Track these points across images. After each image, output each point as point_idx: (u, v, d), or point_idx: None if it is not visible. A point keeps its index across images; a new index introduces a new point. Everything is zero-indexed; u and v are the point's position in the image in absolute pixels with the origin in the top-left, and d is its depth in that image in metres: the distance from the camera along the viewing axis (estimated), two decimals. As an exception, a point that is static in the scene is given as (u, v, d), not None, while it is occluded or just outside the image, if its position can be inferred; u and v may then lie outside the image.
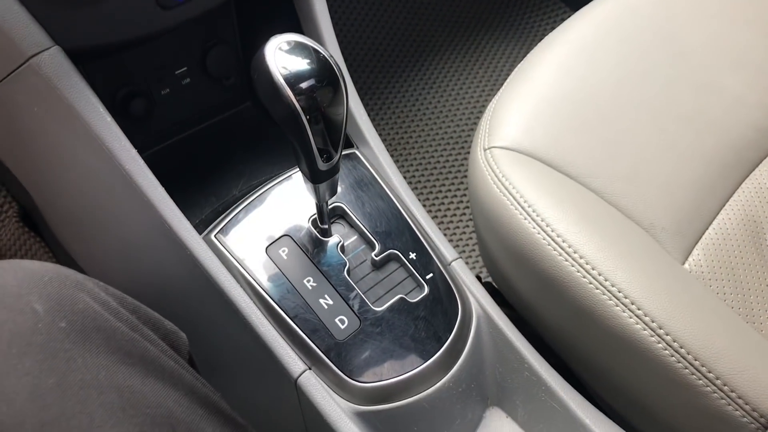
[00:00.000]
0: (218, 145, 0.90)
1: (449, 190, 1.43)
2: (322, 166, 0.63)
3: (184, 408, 0.47)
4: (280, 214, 0.75)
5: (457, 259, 0.76)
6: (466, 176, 1.27)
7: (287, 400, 0.71)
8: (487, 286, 0.79)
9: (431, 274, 0.73)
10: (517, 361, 0.72)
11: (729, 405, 0.61)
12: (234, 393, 0.86)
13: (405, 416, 0.68)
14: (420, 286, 0.73)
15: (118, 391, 0.42)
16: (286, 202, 0.76)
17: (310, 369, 0.68)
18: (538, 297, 0.74)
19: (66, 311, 0.45)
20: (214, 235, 0.73)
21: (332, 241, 0.73)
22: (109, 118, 0.69)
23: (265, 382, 0.75)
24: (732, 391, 0.61)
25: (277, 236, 0.73)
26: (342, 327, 0.69)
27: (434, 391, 0.69)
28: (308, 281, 0.70)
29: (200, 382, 0.52)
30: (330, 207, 0.74)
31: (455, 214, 1.40)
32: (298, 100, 0.57)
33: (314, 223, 0.73)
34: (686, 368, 0.62)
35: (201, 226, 0.74)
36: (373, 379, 0.67)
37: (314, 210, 0.73)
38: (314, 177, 0.64)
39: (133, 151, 0.70)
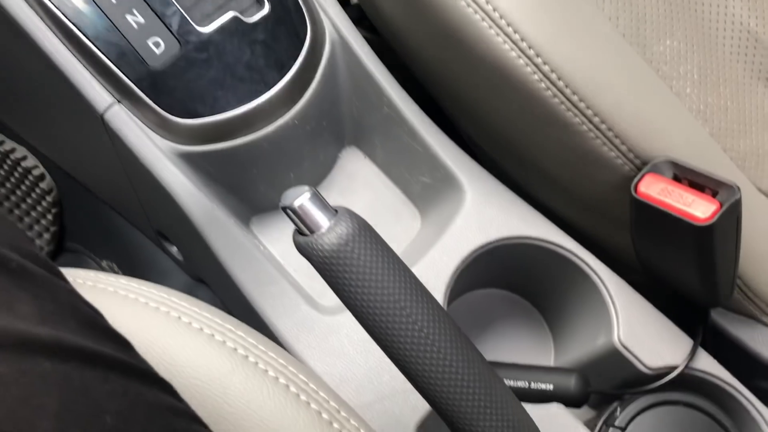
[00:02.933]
0: None
1: None
2: None
3: None
4: None
5: (308, -31, 0.62)
6: None
7: (101, 143, 0.59)
8: (346, 5, 0.66)
9: (273, -13, 0.59)
10: (376, 96, 0.62)
11: (605, 145, 0.54)
12: (51, 139, 0.74)
13: (240, 157, 0.58)
14: (259, 2, 0.59)
15: None
16: None
17: (119, 103, 0.56)
18: (402, 16, 0.61)
19: None
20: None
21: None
22: None
23: (74, 123, 0.63)
24: (609, 130, 0.53)
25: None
26: (157, 52, 0.55)
27: (276, 129, 0.59)
28: (111, -8, 0.55)
29: None
30: None
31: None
32: None
33: None
34: (563, 103, 0.54)
35: None
36: (199, 115, 0.56)
37: None
38: None
39: None
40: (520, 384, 0.58)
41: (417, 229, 0.65)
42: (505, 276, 0.65)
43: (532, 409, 0.54)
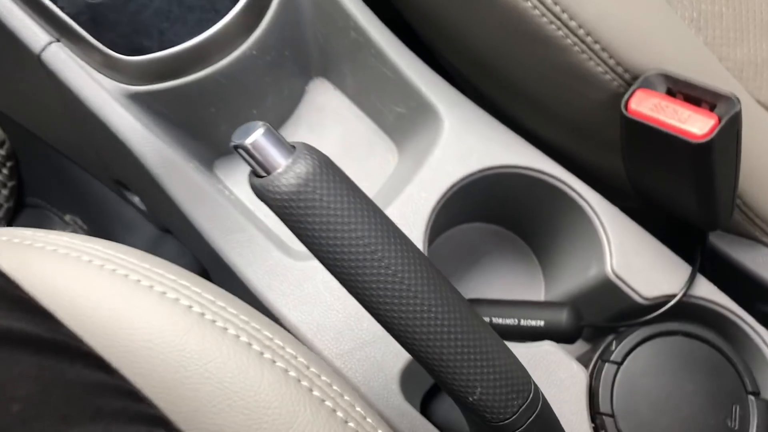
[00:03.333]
0: None
1: None
2: None
3: None
4: None
5: None
6: None
7: (44, 88, 0.55)
8: None
9: None
10: (342, 19, 0.57)
11: (591, 60, 0.49)
12: None
13: (195, 96, 0.54)
14: None
15: None
16: None
17: (57, 41, 0.51)
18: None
19: None
20: None
21: None
22: None
23: (15, 68, 0.58)
24: (595, 43, 0.48)
25: None
26: (93, -19, 0.50)
27: (232, 62, 0.54)
28: None
29: None
30: None
31: None
32: None
33: None
34: (544, 15, 0.49)
35: None
36: (146, 51, 0.51)
37: None
38: None
39: None
40: (509, 322, 0.55)
41: (394, 163, 0.61)
42: (490, 209, 0.62)
43: (523, 348, 0.51)
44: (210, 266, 0.61)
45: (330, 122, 0.61)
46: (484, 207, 0.61)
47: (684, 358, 0.51)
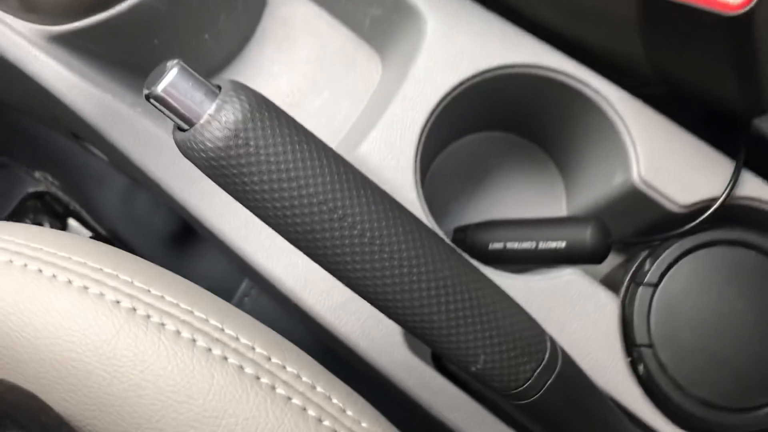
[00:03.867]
0: None
1: None
2: None
3: None
4: None
5: None
6: None
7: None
8: None
9: None
10: None
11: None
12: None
13: (130, 28, 0.46)
14: None
15: None
16: None
17: (-45, -16, 0.43)
18: None
19: None
20: None
21: None
22: None
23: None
24: None
25: None
26: None
27: (169, -18, 0.45)
28: None
29: None
30: None
31: None
32: None
33: None
34: None
35: None
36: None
37: None
38: None
39: None
40: (526, 246, 0.48)
41: (378, 74, 0.53)
42: (495, 115, 0.53)
43: (540, 282, 0.44)
44: (187, 219, 0.54)
45: (299, 36, 0.53)
46: (488, 114, 0.53)
47: (731, 272, 0.43)
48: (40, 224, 0.64)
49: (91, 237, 0.62)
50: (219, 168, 0.29)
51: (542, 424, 0.36)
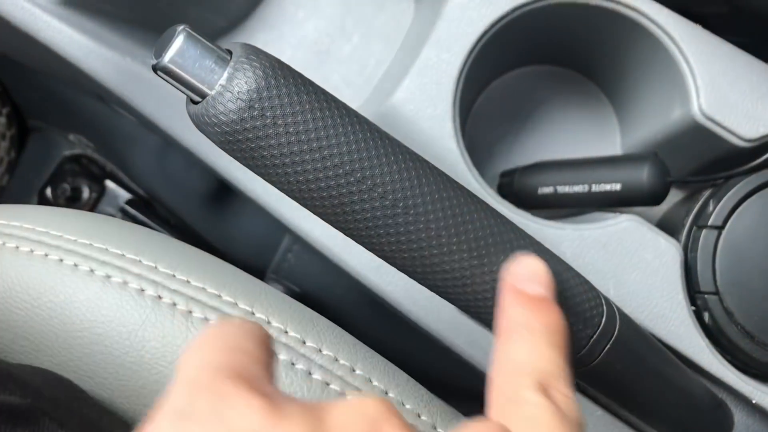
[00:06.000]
0: None
1: None
2: None
3: None
4: None
5: None
6: None
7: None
8: None
9: None
10: None
11: None
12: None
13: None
14: None
15: None
16: None
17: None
18: None
19: None
20: None
21: None
22: None
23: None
24: None
25: None
26: None
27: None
28: None
29: None
30: None
31: None
32: None
33: None
34: None
35: None
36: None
37: None
38: None
39: None
40: (578, 189, 0.45)
41: (410, 14, 0.49)
42: (538, 50, 0.50)
43: (596, 230, 0.41)
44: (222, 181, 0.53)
45: (323, -23, 0.50)
46: (531, 49, 0.49)
47: (805, 209, 0.40)
48: (79, 188, 0.63)
49: (130, 200, 0.61)
50: (235, 143, 0.26)
51: (603, 389, 0.34)
